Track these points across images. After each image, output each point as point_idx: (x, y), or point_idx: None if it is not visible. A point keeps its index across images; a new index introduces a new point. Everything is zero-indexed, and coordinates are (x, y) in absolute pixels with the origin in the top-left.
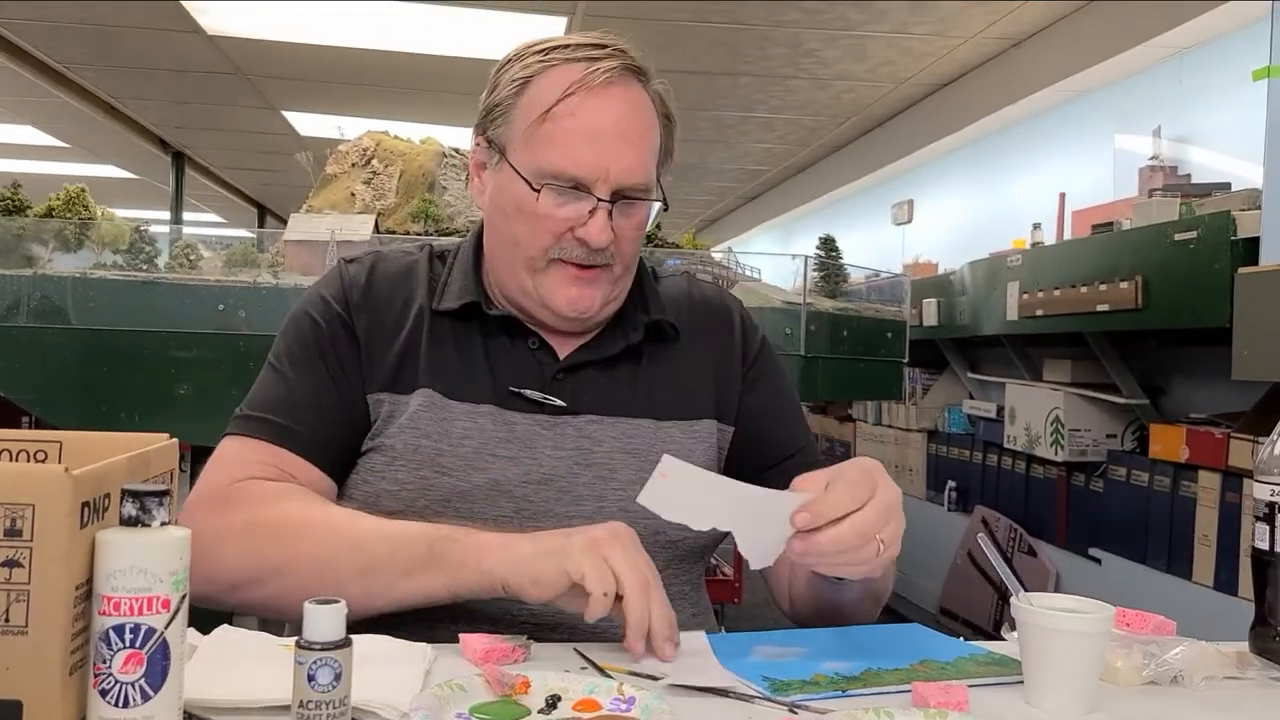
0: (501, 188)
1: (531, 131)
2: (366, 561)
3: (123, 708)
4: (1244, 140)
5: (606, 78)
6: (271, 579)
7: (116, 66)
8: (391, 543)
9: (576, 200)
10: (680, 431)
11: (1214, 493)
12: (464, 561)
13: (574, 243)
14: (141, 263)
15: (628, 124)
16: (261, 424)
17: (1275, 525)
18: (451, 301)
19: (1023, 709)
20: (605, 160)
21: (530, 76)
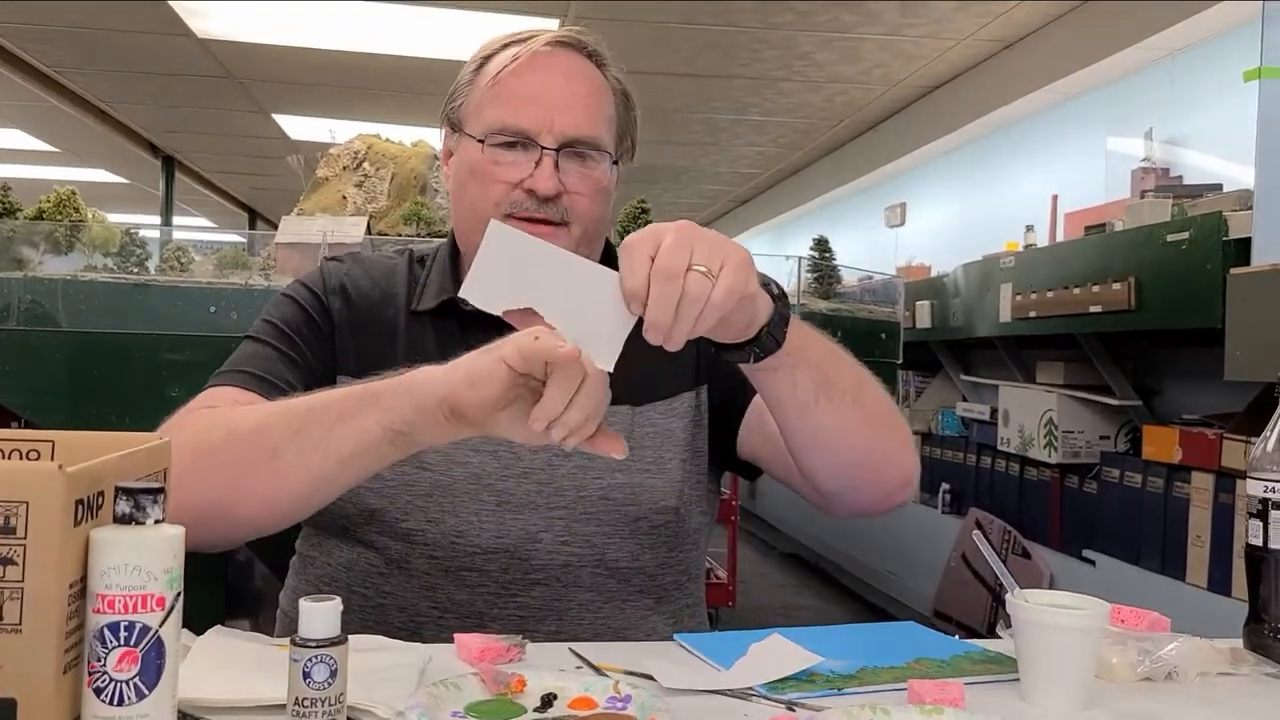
0: (459, 161)
1: (481, 98)
2: (300, 420)
3: (117, 706)
4: (1235, 141)
5: (549, 45)
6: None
7: (106, 70)
8: (322, 397)
9: (524, 152)
10: (658, 413)
11: (1207, 493)
12: (396, 393)
13: (523, 195)
14: (132, 266)
15: (573, 84)
16: (231, 375)
17: (1269, 521)
18: (429, 301)
19: (1019, 706)
20: (549, 113)
21: (487, 57)
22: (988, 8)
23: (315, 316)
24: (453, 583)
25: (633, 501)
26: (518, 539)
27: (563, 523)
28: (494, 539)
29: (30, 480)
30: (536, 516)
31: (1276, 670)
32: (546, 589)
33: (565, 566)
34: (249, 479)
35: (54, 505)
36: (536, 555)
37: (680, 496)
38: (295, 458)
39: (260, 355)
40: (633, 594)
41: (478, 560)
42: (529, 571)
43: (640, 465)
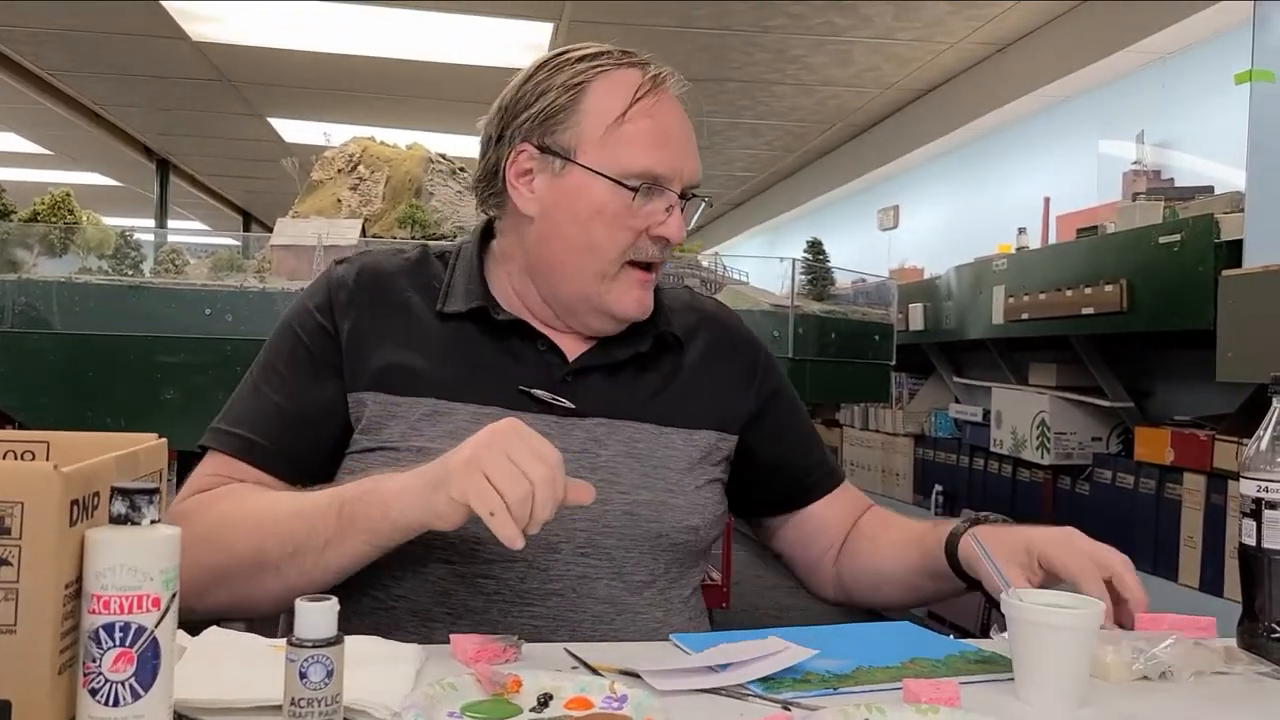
0: (574, 193)
1: (609, 134)
2: (292, 544)
3: (113, 707)
4: (1227, 143)
5: (664, 81)
6: (217, 586)
7: (101, 73)
8: (307, 519)
9: (658, 199)
10: (680, 439)
11: (1199, 494)
12: (372, 518)
13: (649, 242)
14: (127, 268)
15: (687, 125)
16: (225, 437)
17: (1261, 521)
18: (458, 304)
19: (1014, 705)
20: (680, 159)
21: (584, 82)
22: (980, 11)
23: (316, 345)
24: (468, 589)
25: (656, 519)
26: (537, 549)
27: (584, 535)
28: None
29: (26, 480)
30: (558, 527)
31: (1271, 670)
32: (561, 599)
33: (582, 578)
34: (258, 591)
35: (49, 506)
36: (555, 566)
37: (701, 516)
38: (296, 574)
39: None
40: (645, 607)
41: (495, 569)
42: (546, 581)
43: (664, 484)
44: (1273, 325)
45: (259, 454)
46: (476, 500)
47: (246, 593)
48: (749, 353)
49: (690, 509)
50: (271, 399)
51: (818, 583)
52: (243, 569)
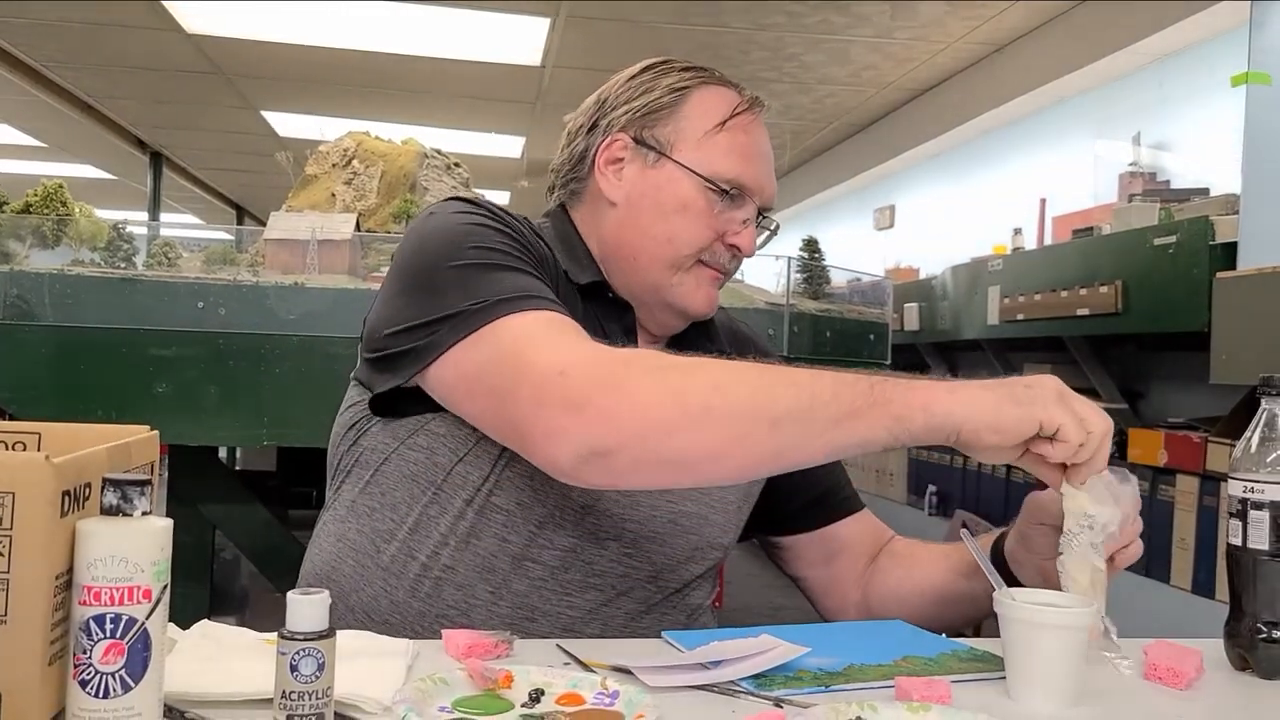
0: (662, 185)
1: (708, 138)
2: (808, 399)
3: (103, 698)
4: (1223, 146)
5: (761, 108)
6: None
7: (94, 65)
8: (832, 382)
9: (738, 208)
10: None
11: (1192, 496)
12: (910, 403)
13: (723, 249)
14: (119, 261)
15: (771, 151)
16: (529, 300)
17: (1247, 521)
18: (577, 276)
19: (1005, 704)
20: (764, 178)
21: (688, 88)
22: (977, 11)
23: (517, 238)
24: (514, 570)
25: (696, 531)
26: (588, 541)
27: (631, 535)
28: (569, 537)
29: (17, 471)
30: (610, 524)
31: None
32: (599, 594)
33: (623, 577)
34: (740, 445)
35: (41, 496)
36: (599, 561)
37: (732, 536)
38: (794, 436)
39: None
40: (670, 610)
41: (545, 555)
42: (589, 575)
43: (708, 500)
44: (1267, 327)
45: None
46: (1073, 429)
47: (721, 442)
48: None
49: (725, 526)
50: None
51: (835, 604)
52: (737, 411)
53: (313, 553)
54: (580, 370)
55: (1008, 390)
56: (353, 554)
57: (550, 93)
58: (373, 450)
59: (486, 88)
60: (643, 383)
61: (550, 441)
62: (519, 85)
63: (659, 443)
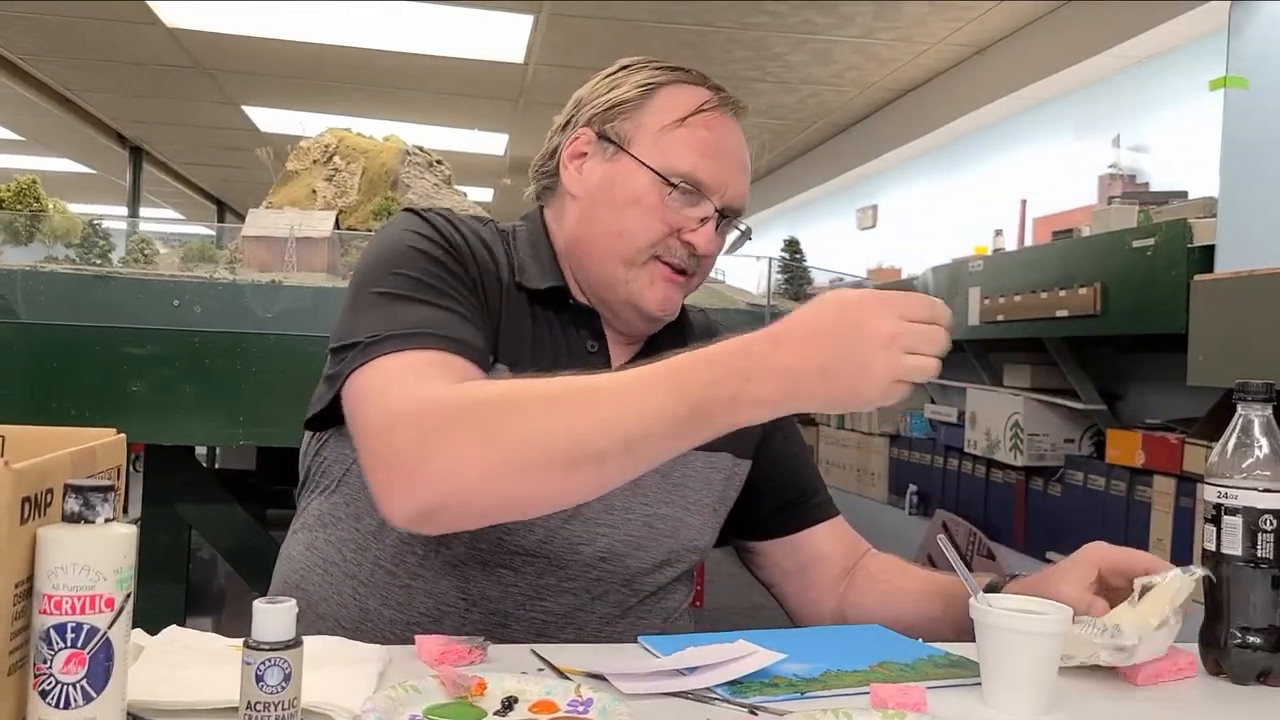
0: (617, 179)
1: (665, 133)
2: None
3: (64, 709)
4: (1201, 149)
5: (734, 107)
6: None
7: (73, 58)
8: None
9: (694, 205)
10: (701, 461)
11: (1169, 497)
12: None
13: (679, 245)
14: (95, 257)
15: (743, 153)
16: (413, 337)
17: (1222, 527)
18: (535, 282)
19: (981, 710)
20: (726, 176)
21: (658, 84)
22: (959, 13)
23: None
24: (487, 577)
25: (671, 534)
26: (561, 546)
27: (605, 539)
28: (539, 542)
29: None
30: (582, 528)
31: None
32: (574, 598)
33: (597, 580)
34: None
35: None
36: (573, 565)
37: (709, 539)
38: (620, 469)
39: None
40: (646, 613)
41: (517, 560)
42: (563, 579)
43: (683, 502)
44: (1243, 330)
45: (471, 352)
46: (918, 375)
47: (542, 489)
48: None
49: (702, 529)
50: (439, 304)
51: (809, 612)
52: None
53: (283, 563)
54: (405, 426)
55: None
56: (322, 563)
57: (533, 90)
58: (334, 460)
59: (469, 84)
60: (460, 440)
61: (381, 499)
62: (502, 82)
63: (480, 498)
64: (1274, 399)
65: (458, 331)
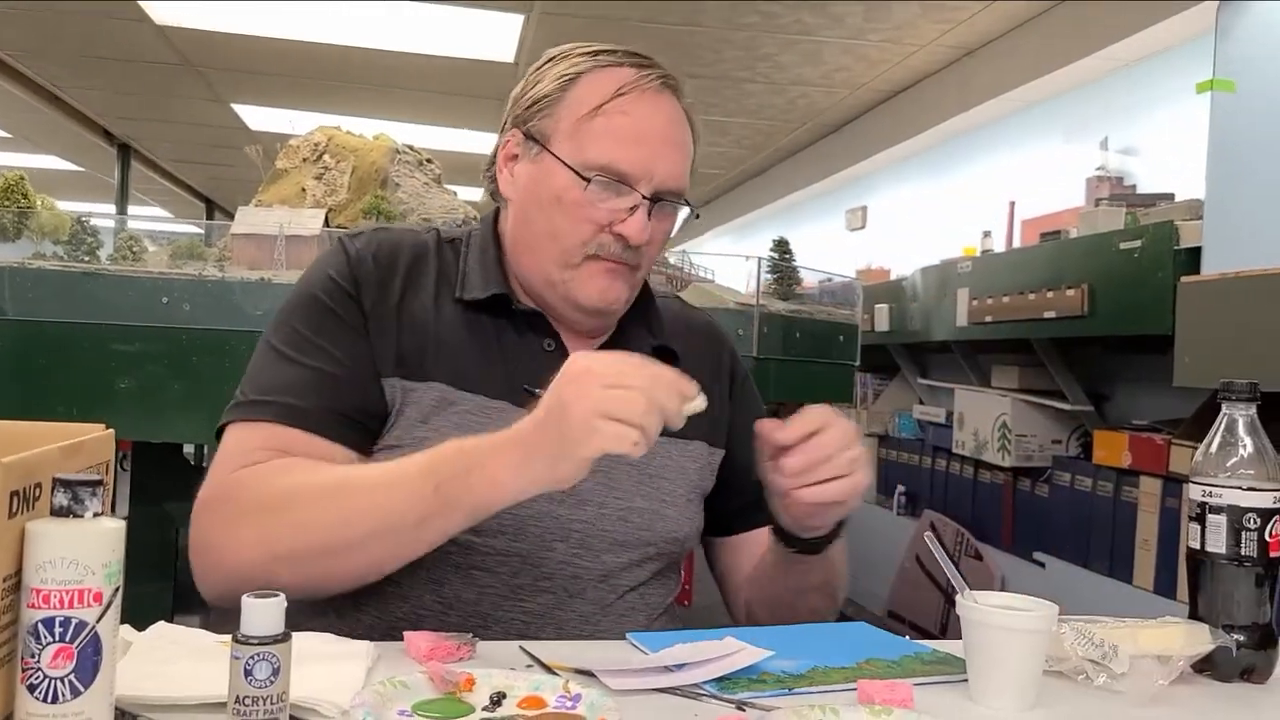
0: (540, 179)
1: (580, 125)
2: (382, 522)
3: (52, 703)
4: (1188, 151)
5: (658, 84)
6: (285, 566)
7: (61, 54)
8: (397, 495)
9: (620, 195)
10: (675, 450)
11: (1155, 498)
12: (478, 501)
13: (612, 239)
14: (83, 254)
15: (674, 131)
16: (262, 406)
17: (1206, 525)
18: (476, 292)
19: (967, 706)
20: (652, 160)
21: (578, 74)
22: (949, 15)
23: (346, 317)
24: (461, 580)
25: (648, 527)
26: (533, 545)
27: (579, 535)
28: (509, 542)
29: None
30: (554, 525)
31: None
32: (552, 597)
33: (574, 578)
34: (335, 571)
35: None
36: (548, 563)
37: (689, 528)
38: (383, 551)
39: (288, 380)
40: (627, 610)
41: (490, 561)
42: (538, 579)
43: (659, 494)
44: (1229, 331)
45: (311, 420)
46: (617, 445)
47: (320, 572)
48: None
49: (680, 520)
50: (306, 365)
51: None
52: (318, 548)
53: None
54: (208, 514)
55: (546, 447)
56: None
57: None
58: None
59: (460, 83)
60: (245, 532)
61: (195, 579)
62: (492, 81)
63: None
64: (1258, 398)
65: (309, 398)
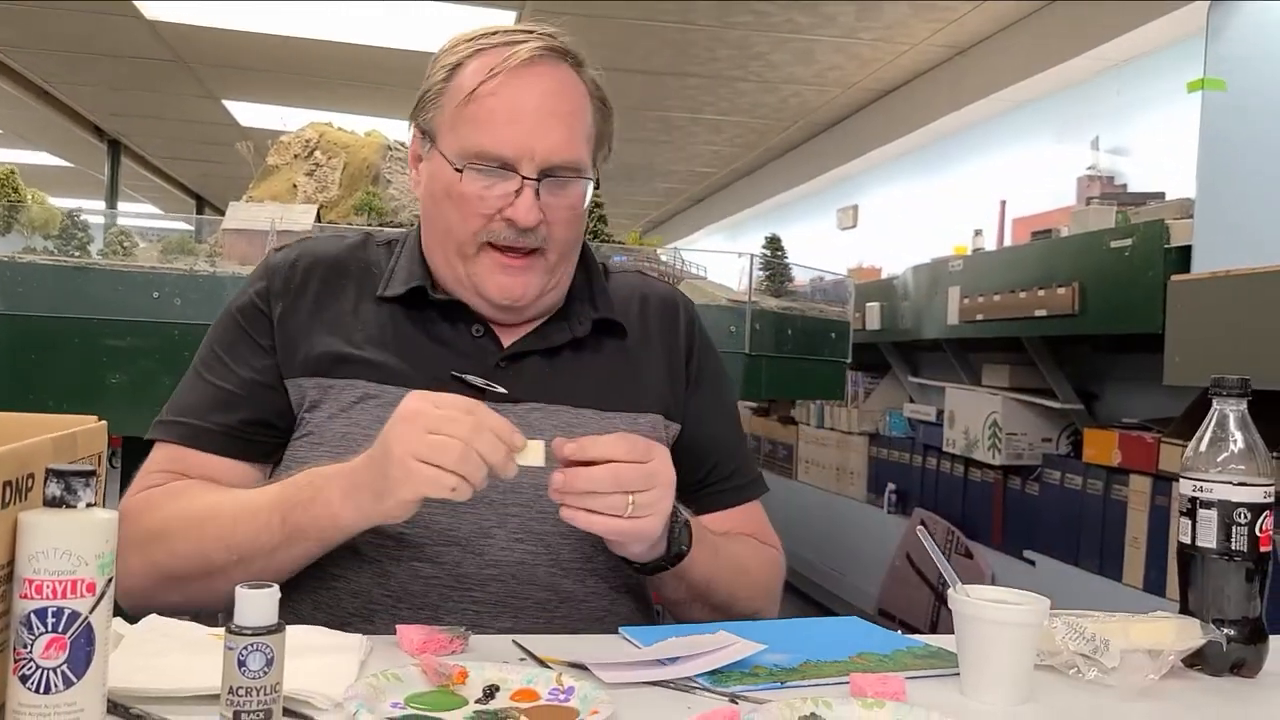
0: (433, 175)
1: (456, 115)
2: (237, 552)
3: (44, 694)
4: (1178, 151)
5: (529, 57)
6: (168, 588)
7: (51, 50)
8: (250, 526)
9: (503, 180)
10: (624, 423)
11: (1144, 496)
12: (320, 526)
13: (503, 225)
14: (73, 249)
15: (554, 101)
16: (170, 427)
17: (1196, 520)
18: (398, 287)
19: (959, 700)
20: (530, 138)
21: (459, 63)
22: (941, 14)
23: (252, 334)
24: (405, 573)
25: None
26: (470, 533)
27: (517, 520)
28: (444, 531)
29: None
30: (490, 512)
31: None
32: (501, 585)
33: (520, 564)
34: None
35: None
36: (490, 550)
37: None
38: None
39: (194, 400)
40: (587, 594)
41: (429, 551)
42: (483, 567)
43: None
44: (1219, 330)
45: (207, 440)
46: (433, 489)
47: (197, 593)
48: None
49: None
50: (213, 384)
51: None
52: (191, 572)
53: None
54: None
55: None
56: None
57: None
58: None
59: None
60: (133, 556)
61: None
62: None
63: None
64: (1249, 394)
65: (211, 417)
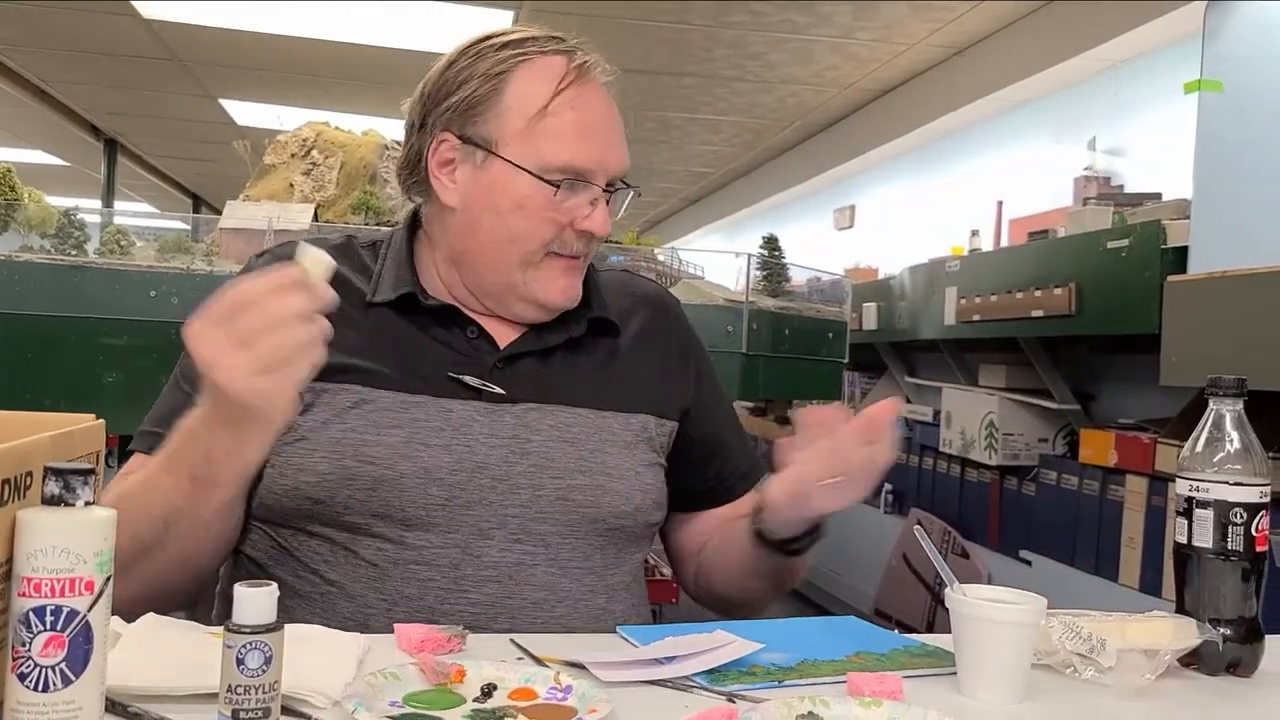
0: (495, 186)
1: (531, 127)
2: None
3: (42, 692)
4: (1175, 151)
5: (592, 71)
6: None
7: (47, 49)
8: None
9: (582, 192)
10: (618, 424)
11: (1141, 496)
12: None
13: (573, 235)
14: (70, 248)
15: (614, 114)
16: (145, 437)
17: (1193, 520)
18: (387, 293)
19: (956, 699)
20: (604, 151)
21: (505, 71)
22: (938, 14)
23: None
24: (402, 575)
25: (593, 504)
26: (468, 535)
27: (516, 520)
28: (443, 534)
29: None
30: (488, 513)
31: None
32: (499, 586)
33: (518, 565)
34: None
35: None
36: (488, 552)
37: (641, 497)
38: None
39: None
40: (585, 594)
41: (426, 554)
42: (480, 569)
43: (602, 469)
44: (1216, 330)
45: None
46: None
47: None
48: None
49: (629, 491)
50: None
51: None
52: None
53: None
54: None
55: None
56: (248, 574)
57: None
58: None
59: None
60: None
61: None
62: None
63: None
64: (1245, 394)
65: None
